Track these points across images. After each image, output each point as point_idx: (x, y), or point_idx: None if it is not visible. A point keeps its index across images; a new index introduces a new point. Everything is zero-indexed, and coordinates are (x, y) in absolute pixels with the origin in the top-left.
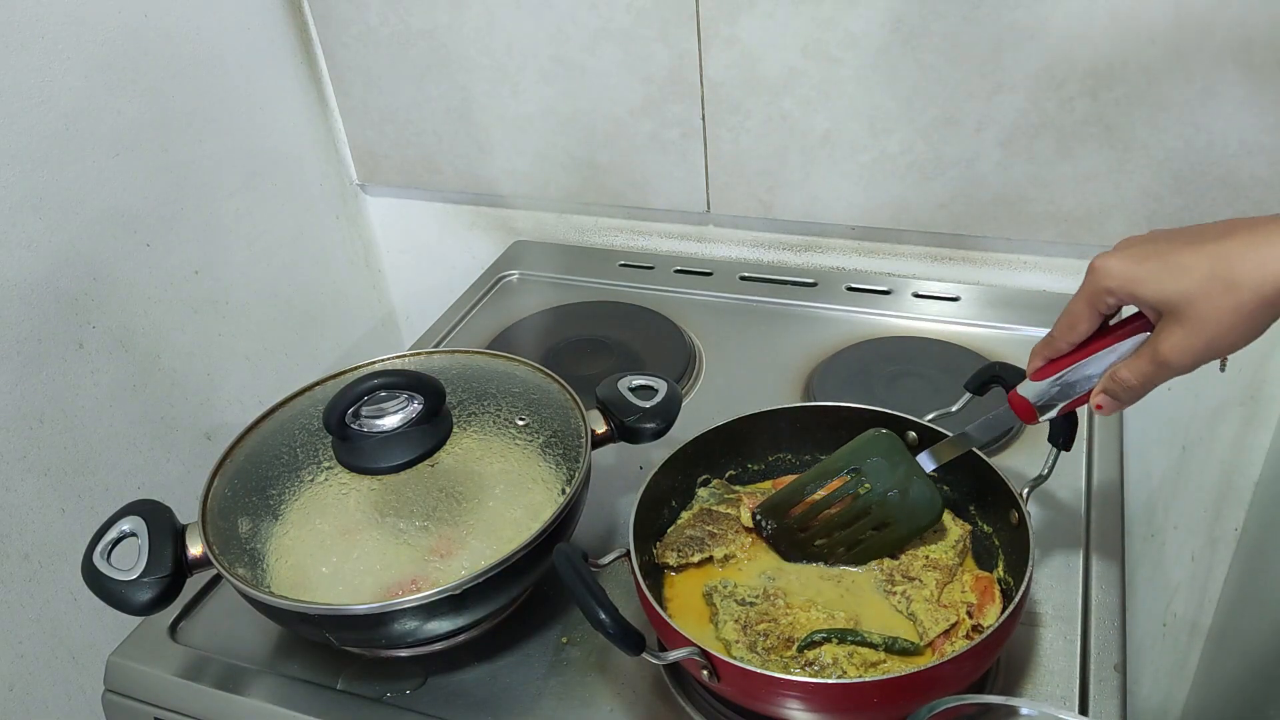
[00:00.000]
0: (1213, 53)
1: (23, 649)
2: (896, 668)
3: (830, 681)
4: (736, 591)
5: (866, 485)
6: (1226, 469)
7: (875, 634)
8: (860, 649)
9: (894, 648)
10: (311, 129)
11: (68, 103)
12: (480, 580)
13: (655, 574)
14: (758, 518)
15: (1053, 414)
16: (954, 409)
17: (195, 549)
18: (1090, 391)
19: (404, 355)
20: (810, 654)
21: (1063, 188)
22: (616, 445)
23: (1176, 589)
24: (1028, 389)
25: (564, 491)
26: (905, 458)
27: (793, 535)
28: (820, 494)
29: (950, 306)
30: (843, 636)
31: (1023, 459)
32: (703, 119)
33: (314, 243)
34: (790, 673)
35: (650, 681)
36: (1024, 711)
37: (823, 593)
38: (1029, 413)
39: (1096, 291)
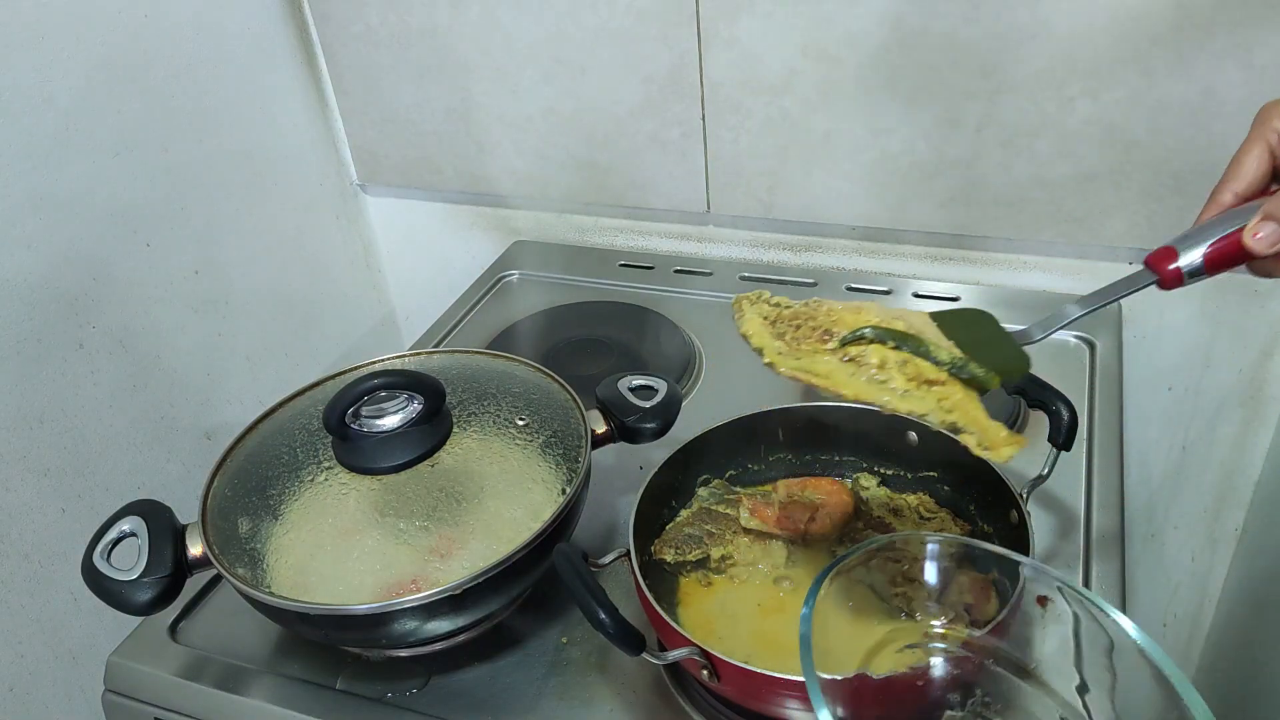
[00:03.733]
0: (1214, 54)
1: (23, 649)
2: (954, 394)
3: (830, 680)
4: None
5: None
6: (1226, 469)
7: (944, 350)
8: (917, 360)
9: (961, 371)
10: (311, 129)
11: (68, 103)
12: (480, 580)
13: (655, 574)
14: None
15: (1197, 262)
16: None
17: (195, 549)
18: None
19: (404, 355)
20: (854, 349)
21: (1063, 188)
22: (616, 445)
23: (1176, 589)
24: (1176, 238)
25: (564, 491)
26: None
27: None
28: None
29: (950, 307)
30: (902, 341)
31: (1023, 459)
32: (703, 119)
33: (314, 242)
34: (821, 366)
35: (650, 681)
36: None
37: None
38: (1167, 261)
39: (1265, 124)
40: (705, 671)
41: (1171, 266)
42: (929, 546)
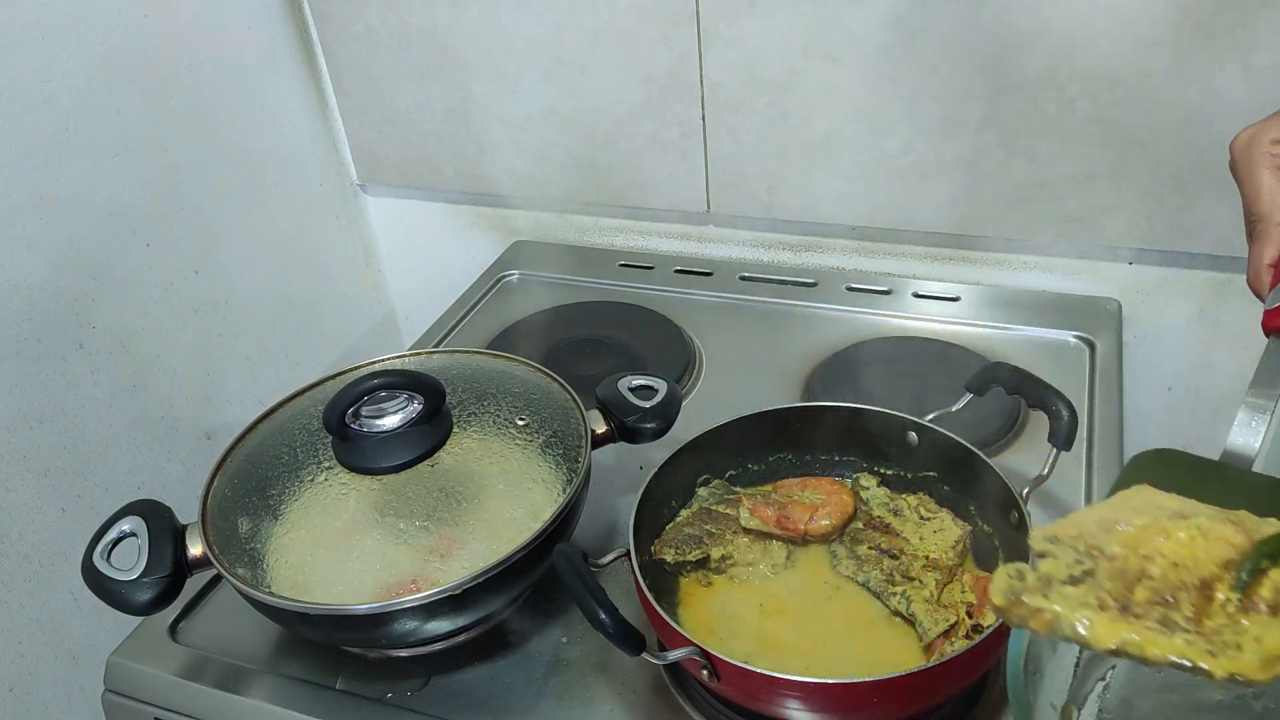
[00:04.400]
0: (1214, 54)
1: (23, 649)
2: None
3: (830, 681)
4: (1043, 569)
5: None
6: None
7: None
8: None
9: None
10: (311, 129)
11: (68, 103)
12: (480, 580)
13: (655, 574)
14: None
15: None
16: (954, 409)
17: (195, 549)
18: None
19: (404, 355)
20: (1266, 589)
21: (1063, 188)
22: (616, 445)
23: None
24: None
25: (564, 491)
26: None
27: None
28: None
29: (950, 306)
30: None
31: (1023, 459)
32: (703, 119)
33: (314, 243)
34: (1237, 628)
35: (650, 681)
36: None
37: (816, 599)
38: None
39: (1255, 150)
40: (705, 671)
41: None
42: None
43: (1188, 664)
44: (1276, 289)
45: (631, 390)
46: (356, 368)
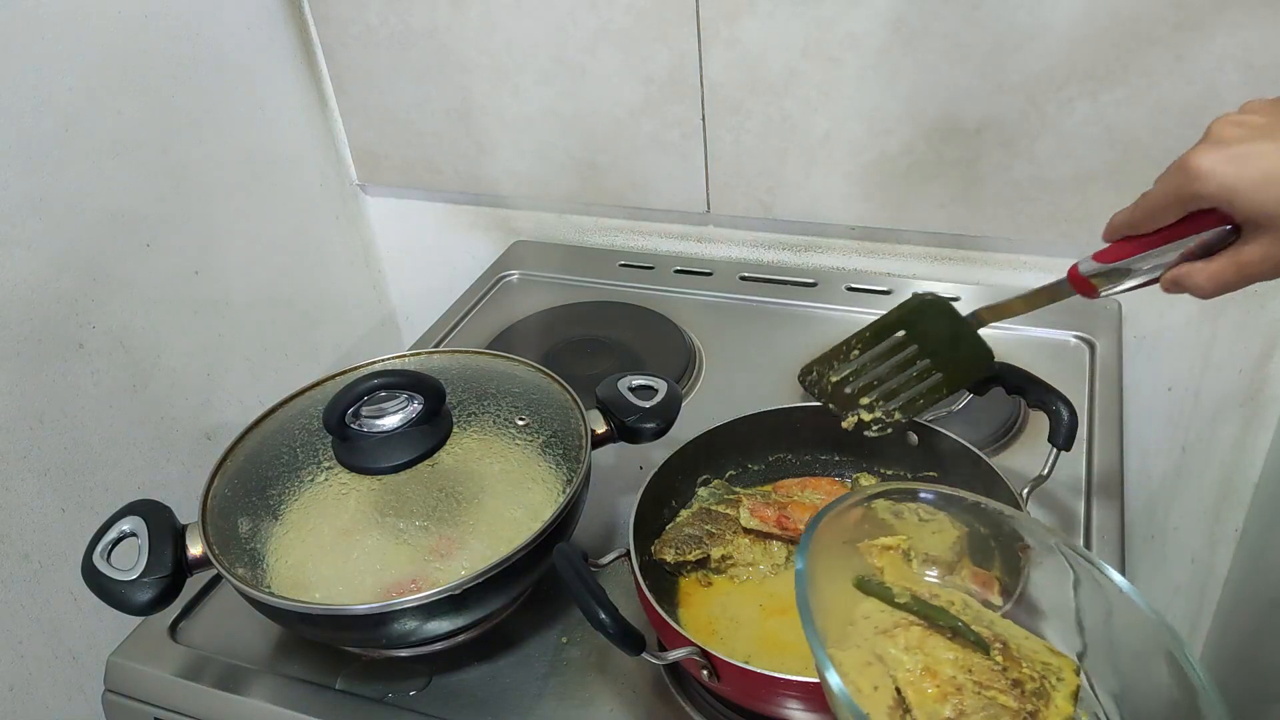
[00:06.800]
0: (1214, 54)
1: (23, 649)
2: None
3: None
4: None
5: (914, 346)
6: (1226, 469)
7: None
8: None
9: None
10: (311, 129)
11: (68, 103)
12: (480, 580)
13: (655, 574)
14: (805, 379)
15: (1113, 292)
16: (954, 409)
17: (195, 549)
18: (1156, 277)
19: (404, 355)
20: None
21: (1063, 188)
22: (616, 445)
23: (1176, 590)
24: (1089, 266)
25: (564, 491)
26: (953, 318)
27: (840, 392)
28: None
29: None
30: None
31: (1023, 459)
32: (703, 119)
33: (314, 243)
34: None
35: (650, 681)
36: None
37: None
38: (1088, 289)
39: (1187, 194)
40: (705, 672)
41: (1099, 294)
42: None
43: None
44: (1097, 263)
45: (631, 390)
46: (356, 368)
